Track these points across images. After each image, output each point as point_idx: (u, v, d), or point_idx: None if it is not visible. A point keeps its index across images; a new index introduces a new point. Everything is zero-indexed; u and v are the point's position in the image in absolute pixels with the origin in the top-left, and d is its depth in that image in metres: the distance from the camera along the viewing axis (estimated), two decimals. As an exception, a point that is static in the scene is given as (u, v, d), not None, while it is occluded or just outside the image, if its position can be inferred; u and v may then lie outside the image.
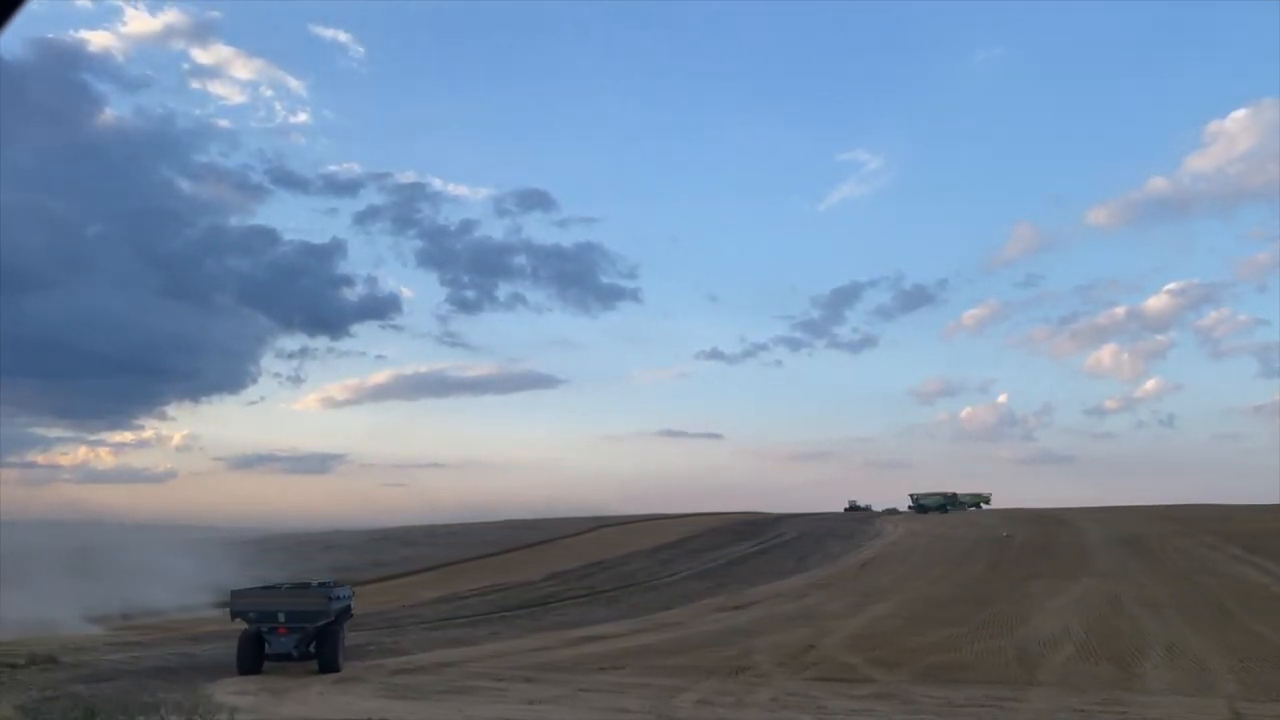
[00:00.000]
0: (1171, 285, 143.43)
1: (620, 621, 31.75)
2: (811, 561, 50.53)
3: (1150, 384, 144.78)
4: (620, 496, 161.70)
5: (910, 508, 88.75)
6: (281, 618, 20.77)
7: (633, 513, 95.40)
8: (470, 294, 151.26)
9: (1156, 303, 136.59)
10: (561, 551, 65.99)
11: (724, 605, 34.81)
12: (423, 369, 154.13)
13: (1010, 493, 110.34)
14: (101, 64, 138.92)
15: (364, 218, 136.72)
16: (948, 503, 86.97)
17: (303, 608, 21.14)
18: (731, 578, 46.20)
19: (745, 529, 74.14)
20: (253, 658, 21.18)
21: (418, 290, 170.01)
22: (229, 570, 54.86)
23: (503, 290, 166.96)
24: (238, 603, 21.02)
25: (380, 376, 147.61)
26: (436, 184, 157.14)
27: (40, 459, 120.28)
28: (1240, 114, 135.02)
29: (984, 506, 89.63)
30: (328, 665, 21.30)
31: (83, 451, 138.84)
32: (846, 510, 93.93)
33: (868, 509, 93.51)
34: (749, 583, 43.16)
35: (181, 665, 23.18)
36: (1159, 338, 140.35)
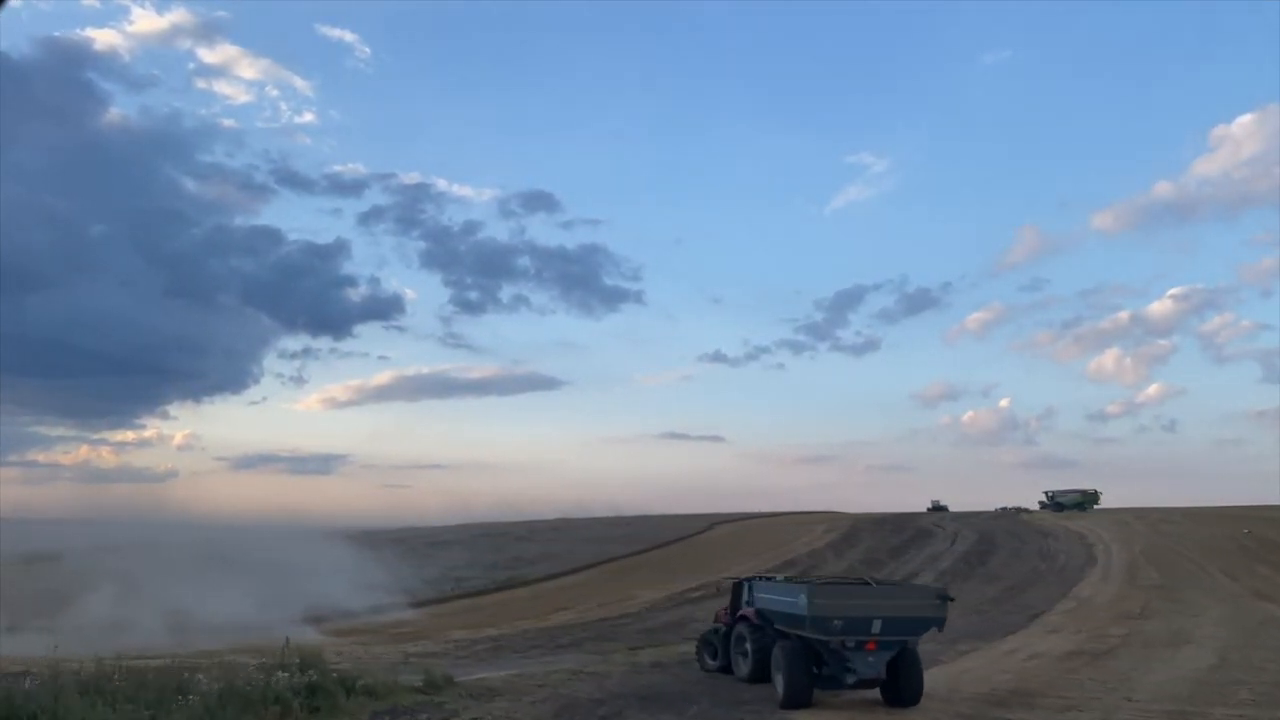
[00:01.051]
0: (1175, 290, 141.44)
1: (1022, 633, 25.23)
2: (1064, 564, 44.05)
3: (1153, 389, 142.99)
4: (626, 498, 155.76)
5: (1044, 505, 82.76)
6: (877, 627, 13.99)
7: (644, 513, 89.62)
8: (474, 295, 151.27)
9: (1160, 307, 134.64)
10: (717, 549, 59.27)
11: (1128, 614, 28.42)
12: (425, 370, 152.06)
13: (1011, 496, 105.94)
14: (107, 63, 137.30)
15: (368, 218, 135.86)
16: (1086, 500, 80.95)
17: (909, 614, 14.38)
18: (1006, 579, 39.78)
19: (894, 526, 67.69)
20: (808, 682, 14.45)
21: (421, 291, 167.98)
22: (384, 569, 47.93)
23: (506, 292, 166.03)
24: (818, 605, 14.15)
25: (383, 377, 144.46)
26: (441, 185, 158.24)
27: (41, 458, 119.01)
28: (1246, 119, 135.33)
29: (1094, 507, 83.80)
30: (912, 696, 14.63)
31: (84, 450, 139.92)
32: (930, 510, 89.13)
33: (946, 509, 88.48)
34: (1054, 586, 36.73)
35: (625, 691, 16.36)
36: (1162, 342, 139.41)
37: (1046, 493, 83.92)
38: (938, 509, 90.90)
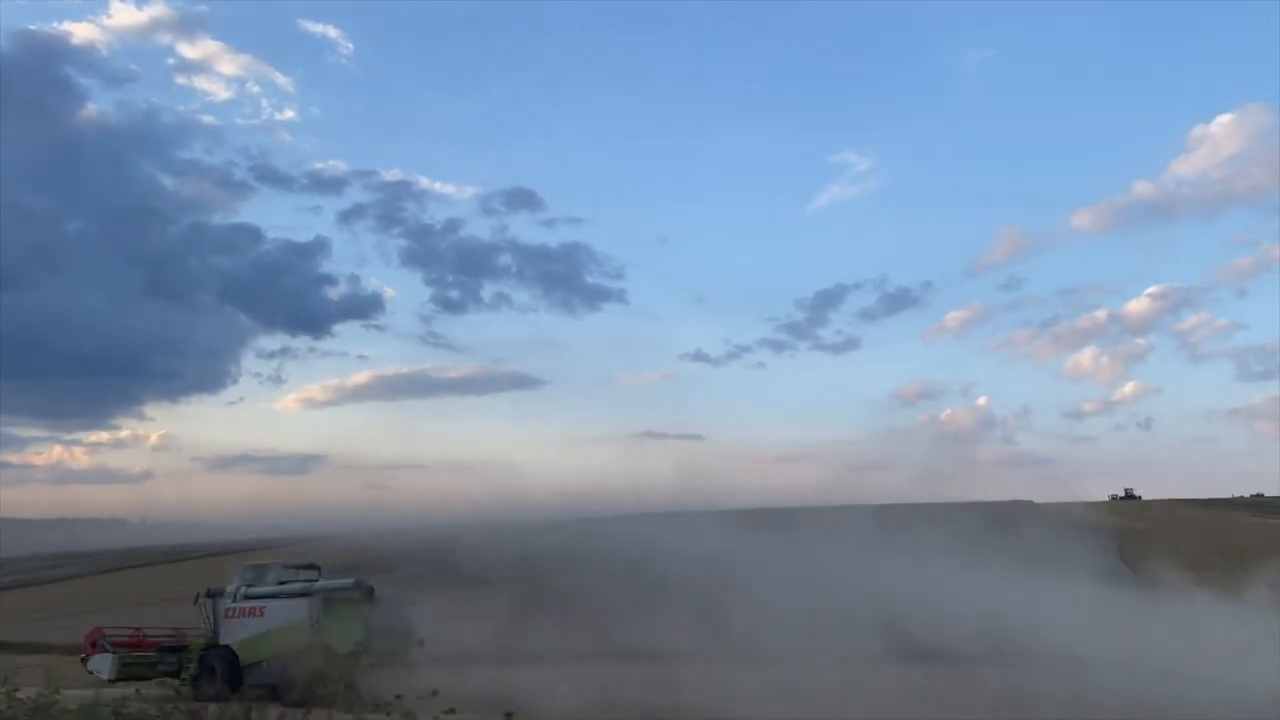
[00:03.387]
0: (1152, 289, 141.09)
1: None
2: None
3: (1129, 387, 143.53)
4: (609, 496, 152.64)
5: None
6: None
7: (640, 512, 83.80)
8: (454, 294, 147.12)
9: (1137, 306, 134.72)
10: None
11: None
12: (405, 369, 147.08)
13: (987, 494, 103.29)
14: (85, 57, 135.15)
15: (348, 216, 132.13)
16: None
17: None
18: None
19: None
20: None
21: (401, 290, 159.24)
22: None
23: (487, 290, 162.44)
24: None
25: (361, 377, 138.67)
26: (422, 182, 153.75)
27: (14, 459, 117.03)
28: (1225, 119, 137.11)
29: None
30: None
31: (57, 451, 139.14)
32: (1122, 498, 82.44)
33: (1139, 498, 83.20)
34: None
35: None
36: (1139, 341, 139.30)
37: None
38: (1130, 498, 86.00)
